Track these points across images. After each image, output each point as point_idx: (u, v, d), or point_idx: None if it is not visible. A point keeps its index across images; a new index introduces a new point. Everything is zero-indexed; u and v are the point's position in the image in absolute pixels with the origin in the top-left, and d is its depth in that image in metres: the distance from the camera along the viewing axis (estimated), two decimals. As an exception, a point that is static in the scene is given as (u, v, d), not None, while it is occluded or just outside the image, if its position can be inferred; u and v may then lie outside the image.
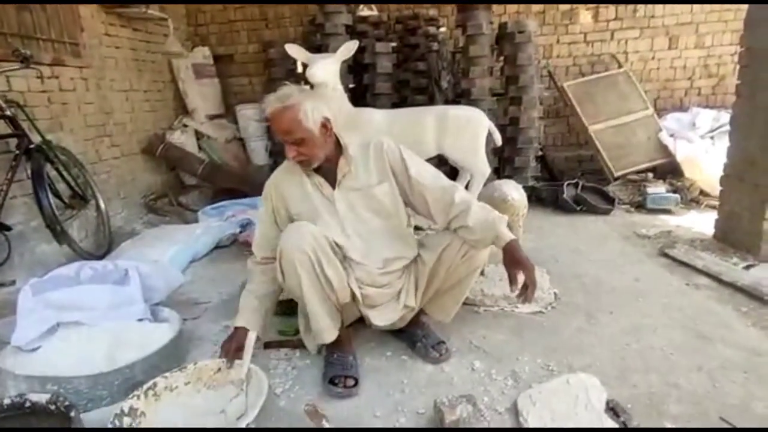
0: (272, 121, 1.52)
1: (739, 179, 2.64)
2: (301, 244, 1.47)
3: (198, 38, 4.69)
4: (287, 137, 1.50)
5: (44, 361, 1.57)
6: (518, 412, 1.37)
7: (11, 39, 2.68)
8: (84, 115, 3.23)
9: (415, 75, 4.08)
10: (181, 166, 4.18)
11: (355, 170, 1.62)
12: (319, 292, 1.52)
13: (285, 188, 1.64)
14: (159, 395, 1.37)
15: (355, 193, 1.61)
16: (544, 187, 3.86)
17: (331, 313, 1.59)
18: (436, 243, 1.66)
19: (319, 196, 1.61)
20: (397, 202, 1.65)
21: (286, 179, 1.65)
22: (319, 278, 1.50)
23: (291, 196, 1.63)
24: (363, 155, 1.63)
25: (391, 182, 1.63)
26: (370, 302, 1.65)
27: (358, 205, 1.61)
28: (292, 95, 1.49)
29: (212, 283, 2.51)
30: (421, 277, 1.68)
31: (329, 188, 1.61)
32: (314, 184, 1.62)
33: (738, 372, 1.54)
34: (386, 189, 1.63)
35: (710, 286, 2.20)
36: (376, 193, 1.62)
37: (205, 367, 1.49)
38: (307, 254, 1.47)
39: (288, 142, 1.51)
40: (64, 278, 1.84)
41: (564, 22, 4.42)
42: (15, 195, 2.57)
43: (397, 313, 1.68)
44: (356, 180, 1.62)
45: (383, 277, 1.63)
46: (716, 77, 4.46)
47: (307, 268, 1.48)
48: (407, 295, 1.68)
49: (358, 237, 1.61)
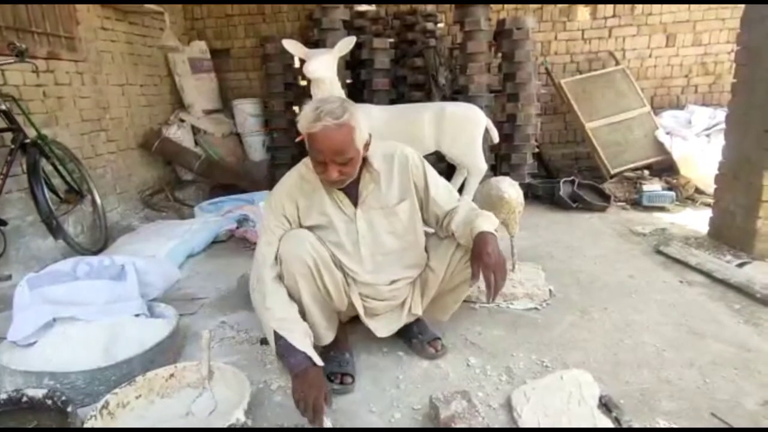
0: (319, 140, 1.33)
1: (734, 177, 2.66)
2: (302, 253, 1.42)
3: (194, 32, 4.67)
4: (335, 157, 1.34)
5: (41, 356, 1.58)
6: (512, 407, 1.39)
7: (6, 32, 2.66)
8: (80, 110, 3.21)
9: (413, 71, 4.07)
10: (178, 161, 4.17)
11: (379, 187, 1.52)
12: (317, 299, 1.51)
13: (299, 200, 1.51)
14: (113, 413, 1.32)
15: (376, 212, 1.53)
16: (541, 184, 3.87)
17: (329, 317, 1.59)
18: (443, 252, 1.62)
19: (338, 214, 1.51)
20: (416, 220, 1.59)
21: (300, 190, 1.51)
22: (319, 289, 1.49)
23: (305, 209, 1.51)
24: (387, 170, 1.53)
25: (413, 199, 1.56)
26: (372, 312, 1.64)
27: (378, 224, 1.54)
28: (346, 110, 1.34)
29: (209, 278, 2.51)
30: (431, 286, 1.66)
31: (351, 206, 1.51)
32: (334, 201, 1.50)
33: (729, 368, 1.56)
34: (407, 206, 1.56)
35: (704, 283, 2.22)
36: (397, 212, 1.54)
37: (155, 377, 1.44)
38: (307, 265, 1.43)
39: (332, 162, 1.35)
40: (60, 273, 1.84)
41: (562, 19, 4.42)
42: (10, 190, 2.57)
43: (401, 322, 1.67)
44: (379, 197, 1.52)
45: (390, 292, 1.62)
46: (713, 75, 4.47)
47: (308, 279, 1.45)
48: (414, 305, 1.67)
49: (371, 259, 1.55)
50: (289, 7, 4.55)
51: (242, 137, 4.55)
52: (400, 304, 1.68)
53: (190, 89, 4.34)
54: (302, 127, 1.36)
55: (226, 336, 1.89)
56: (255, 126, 4.50)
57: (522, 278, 2.18)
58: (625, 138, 4.04)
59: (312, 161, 1.42)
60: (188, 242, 2.80)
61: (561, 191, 3.59)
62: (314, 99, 1.42)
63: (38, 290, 1.73)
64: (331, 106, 1.34)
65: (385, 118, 3.07)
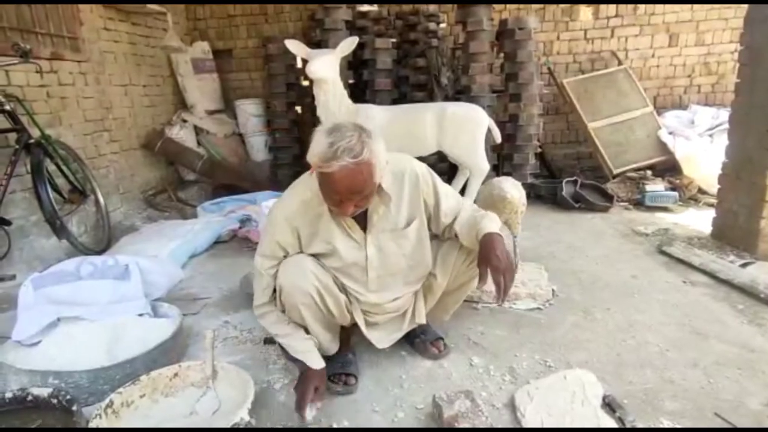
0: (336, 180, 1.20)
1: (737, 177, 2.65)
2: (304, 285, 1.38)
3: (197, 33, 4.67)
4: (353, 195, 1.24)
5: (45, 355, 1.58)
6: (515, 407, 1.39)
7: (10, 33, 2.67)
8: (83, 110, 3.22)
9: (415, 71, 4.07)
10: (180, 161, 4.18)
11: (389, 209, 1.44)
12: (320, 320, 1.49)
13: (300, 224, 1.41)
14: (117, 412, 1.32)
15: (385, 235, 1.46)
16: (543, 184, 3.87)
17: (333, 330, 1.58)
18: (447, 258, 1.59)
19: (345, 240, 1.43)
20: (423, 236, 1.53)
21: (302, 218, 1.40)
22: (323, 312, 1.47)
23: (308, 237, 1.42)
24: (398, 191, 1.45)
25: (422, 216, 1.51)
26: (373, 323, 1.62)
27: (388, 248, 1.47)
28: (365, 145, 1.20)
29: (212, 278, 2.52)
30: (435, 293, 1.64)
31: (360, 231, 1.43)
32: (342, 227, 1.41)
33: (732, 368, 1.56)
34: (416, 226, 1.50)
35: (707, 283, 2.22)
36: (407, 234, 1.49)
37: (159, 376, 1.44)
38: (310, 295, 1.39)
39: (348, 200, 1.26)
40: (64, 273, 1.85)
41: (564, 18, 4.42)
42: (14, 190, 2.58)
43: (402, 332, 1.66)
44: (389, 219, 1.45)
45: (392, 305, 1.58)
46: (716, 75, 4.46)
47: (312, 308, 1.43)
48: (418, 314, 1.64)
49: (377, 280, 1.50)
50: (292, 8, 4.55)
51: (244, 137, 4.56)
52: (401, 315, 1.66)
53: (192, 89, 4.35)
54: (315, 162, 1.22)
55: (229, 336, 1.90)
56: (257, 126, 4.51)
57: (525, 278, 2.18)
58: (628, 138, 4.04)
59: (324, 197, 1.30)
60: (191, 242, 2.81)
61: (563, 191, 3.59)
62: (326, 128, 1.24)
63: (42, 290, 1.74)
64: (350, 142, 1.18)
65: (387, 118, 3.08)
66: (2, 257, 2.44)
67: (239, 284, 2.29)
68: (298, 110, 4.43)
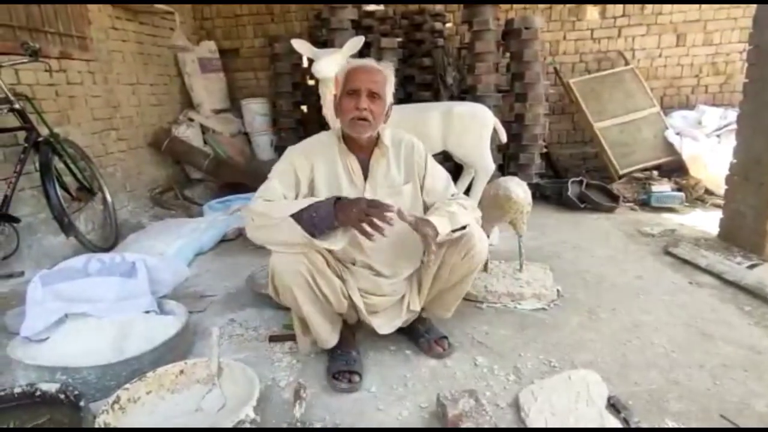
0: (359, 71, 1.50)
1: (744, 178, 2.63)
2: (295, 265, 1.42)
3: (204, 32, 4.70)
4: (370, 86, 1.48)
5: (53, 351, 1.60)
6: (520, 407, 1.39)
7: (20, 32, 2.70)
8: (91, 109, 3.25)
9: (421, 71, 4.07)
10: (187, 160, 4.20)
11: (388, 164, 1.61)
12: (317, 305, 1.51)
13: (316, 159, 1.56)
14: (124, 408, 1.34)
15: (383, 190, 1.59)
16: (549, 185, 3.86)
17: (332, 320, 1.59)
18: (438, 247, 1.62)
19: (348, 183, 1.57)
20: (418, 205, 1.65)
21: (319, 150, 1.58)
22: (317, 295, 1.48)
23: (319, 170, 1.55)
24: (395, 151, 1.63)
25: (416, 184, 1.64)
26: (372, 309, 1.64)
27: (384, 201, 1.52)
28: (385, 65, 1.56)
29: (217, 276, 2.53)
30: (425, 279, 1.67)
31: (361, 177, 1.58)
32: (346, 168, 1.57)
33: (739, 370, 1.55)
34: (410, 189, 1.63)
35: (713, 284, 2.20)
36: (403, 192, 1.61)
37: (165, 373, 1.45)
38: (302, 275, 1.43)
39: (366, 92, 1.48)
40: (72, 270, 1.87)
41: (571, 18, 4.40)
42: (23, 187, 2.61)
43: (401, 319, 1.68)
44: (387, 175, 1.61)
45: (389, 286, 1.63)
46: (724, 75, 4.43)
47: (304, 288, 1.45)
48: (413, 301, 1.68)
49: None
50: (298, 7, 4.57)
51: (250, 136, 4.58)
52: (399, 300, 1.69)
53: (199, 89, 4.37)
54: (340, 70, 1.53)
55: (234, 333, 1.91)
56: (263, 125, 4.52)
57: (529, 278, 2.18)
58: (634, 138, 4.02)
59: (344, 98, 1.51)
60: (197, 240, 2.83)
61: (569, 191, 3.58)
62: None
63: (51, 287, 1.75)
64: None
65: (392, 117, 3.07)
66: (11, 254, 2.46)
67: (245, 282, 2.31)
68: (304, 109, 4.44)
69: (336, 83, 1.57)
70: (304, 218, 1.36)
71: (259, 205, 1.42)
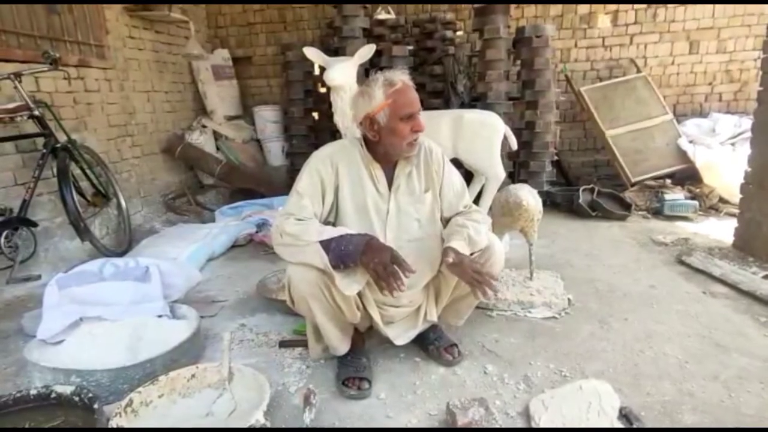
0: (406, 92, 1.47)
1: (759, 187, 2.60)
2: (311, 276, 1.42)
3: (218, 40, 4.78)
4: (419, 105, 1.49)
5: (68, 354, 1.62)
6: (530, 416, 1.38)
7: (41, 41, 2.77)
8: (107, 115, 3.32)
9: (432, 78, 4.09)
10: (200, 166, 4.25)
11: (410, 173, 1.60)
12: (330, 315, 1.52)
13: (340, 163, 1.53)
14: (137, 411, 1.35)
15: (405, 198, 1.59)
16: (560, 192, 3.84)
17: (343, 328, 1.59)
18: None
19: (373, 191, 1.56)
20: (436, 210, 1.65)
21: (345, 156, 1.55)
22: (330, 305, 1.49)
23: (344, 174, 1.53)
24: (416, 158, 1.61)
25: (435, 191, 1.63)
26: (389, 320, 1.64)
27: (406, 210, 1.59)
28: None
29: (229, 281, 2.55)
30: (444, 291, 1.66)
31: (386, 186, 1.57)
32: (371, 177, 1.56)
33: (755, 382, 1.53)
34: (430, 196, 1.63)
35: (728, 294, 2.17)
36: (424, 200, 1.61)
37: (177, 377, 1.47)
38: (318, 287, 1.43)
39: (416, 113, 1.47)
40: (88, 274, 1.90)
41: (582, 26, 4.39)
42: (41, 192, 2.66)
43: (417, 329, 1.68)
44: (409, 183, 1.60)
45: (407, 297, 1.62)
46: (738, 83, 4.38)
47: (318, 298, 1.46)
48: (429, 311, 1.68)
49: (394, 243, 1.52)
50: (310, 15, 4.62)
51: (262, 143, 4.63)
52: (416, 311, 1.68)
53: (212, 96, 4.44)
54: (380, 95, 1.44)
55: (245, 338, 1.92)
56: (275, 132, 4.57)
57: (540, 286, 2.17)
58: (647, 146, 3.99)
59: (400, 123, 1.46)
60: (209, 245, 2.86)
61: (580, 199, 3.55)
62: (369, 79, 1.52)
63: (67, 290, 1.78)
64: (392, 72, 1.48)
65: (403, 124, 3.09)
66: (28, 258, 2.51)
67: (256, 287, 2.32)
68: (315, 116, 4.48)
69: (378, 105, 1.45)
70: (332, 247, 1.36)
71: (290, 225, 1.41)
